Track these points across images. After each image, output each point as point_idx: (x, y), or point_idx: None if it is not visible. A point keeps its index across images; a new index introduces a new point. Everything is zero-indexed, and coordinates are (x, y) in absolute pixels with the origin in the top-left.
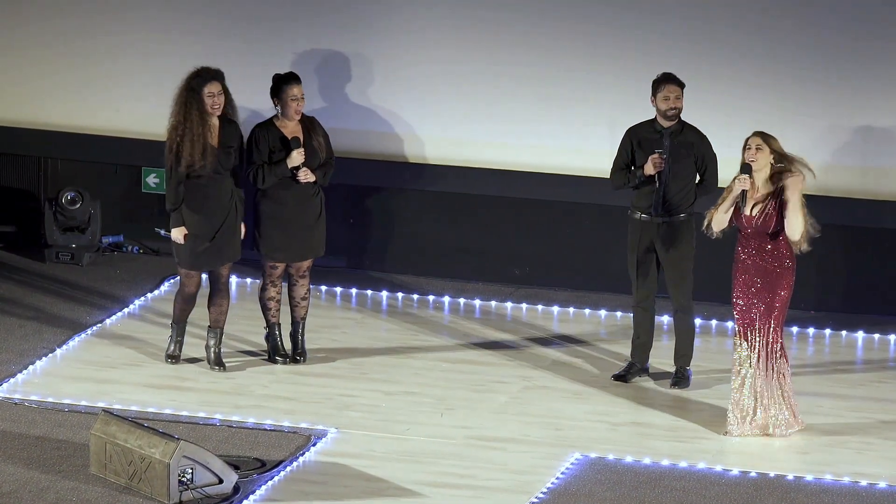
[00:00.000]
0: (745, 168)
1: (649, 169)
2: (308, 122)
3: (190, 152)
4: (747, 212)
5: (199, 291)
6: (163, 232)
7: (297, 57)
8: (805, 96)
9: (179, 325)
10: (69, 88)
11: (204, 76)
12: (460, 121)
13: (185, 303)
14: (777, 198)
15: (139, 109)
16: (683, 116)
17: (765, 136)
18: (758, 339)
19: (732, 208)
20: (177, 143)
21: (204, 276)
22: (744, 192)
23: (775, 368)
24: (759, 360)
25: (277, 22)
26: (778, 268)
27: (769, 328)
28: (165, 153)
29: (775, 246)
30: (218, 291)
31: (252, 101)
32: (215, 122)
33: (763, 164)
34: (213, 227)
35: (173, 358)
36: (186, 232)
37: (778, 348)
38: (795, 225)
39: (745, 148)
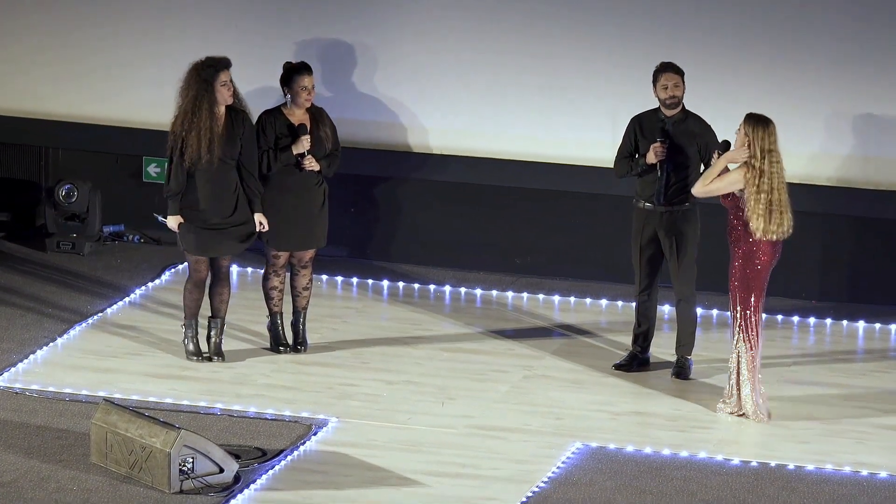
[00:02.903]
0: (724, 144)
1: (651, 158)
2: (316, 113)
3: (197, 147)
4: None
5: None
6: (160, 218)
7: (299, 46)
8: (807, 85)
9: (191, 320)
10: (70, 78)
11: (216, 65)
12: (461, 111)
13: (195, 290)
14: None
15: (140, 99)
16: (685, 104)
17: (746, 122)
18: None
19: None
20: (182, 136)
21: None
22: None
23: (735, 343)
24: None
25: (280, 10)
26: (732, 244)
27: (730, 302)
28: (169, 140)
29: (730, 220)
30: (219, 280)
31: (256, 90)
32: (222, 110)
33: (739, 145)
34: (222, 215)
35: (197, 355)
36: (182, 220)
37: (737, 329)
38: (694, 180)
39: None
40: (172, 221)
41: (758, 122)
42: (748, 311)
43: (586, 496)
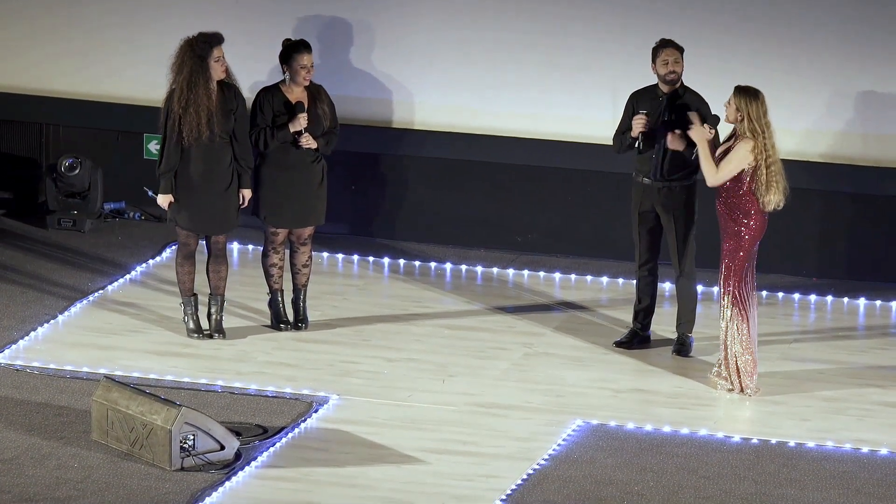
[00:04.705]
0: (715, 119)
1: (634, 130)
2: (314, 90)
3: (197, 123)
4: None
5: (198, 257)
6: (150, 192)
7: (298, 22)
8: (806, 61)
9: (189, 297)
10: (71, 55)
11: (210, 41)
12: (462, 88)
13: (186, 262)
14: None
15: (141, 76)
16: (686, 82)
17: (739, 95)
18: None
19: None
20: (179, 113)
21: (201, 241)
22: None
23: (728, 317)
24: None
25: None
26: (727, 215)
27: (722, 276)
28: (162, 118)
29: (721, 195)
30: (216, 258)
31: (253, 67)
32: (215, 86)
33: (731, 119)
34: (214, 192)
35: (197, 332)
36: (172, 199)
37: (729, 303)
38: (707, 171)
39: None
40: (163, 199)
41: (749, 95)
42: (742, 284)
43: (587, 473)
